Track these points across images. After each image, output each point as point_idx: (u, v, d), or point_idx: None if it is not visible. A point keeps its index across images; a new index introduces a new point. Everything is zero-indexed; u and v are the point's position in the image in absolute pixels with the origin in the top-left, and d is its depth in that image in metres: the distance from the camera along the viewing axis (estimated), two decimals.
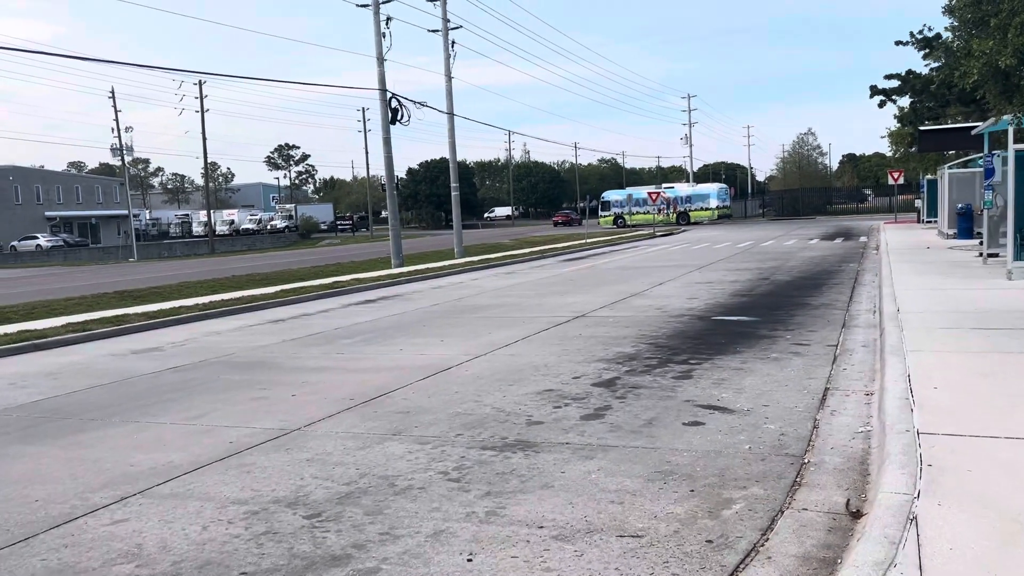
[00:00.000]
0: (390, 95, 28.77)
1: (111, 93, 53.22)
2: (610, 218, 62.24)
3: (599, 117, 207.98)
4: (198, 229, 78.09)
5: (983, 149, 17.44)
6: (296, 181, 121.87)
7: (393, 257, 28.47)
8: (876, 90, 32.43)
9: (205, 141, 59.62)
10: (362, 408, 7.40)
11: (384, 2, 28.57)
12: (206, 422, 7.20)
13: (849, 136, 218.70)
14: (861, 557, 3.63)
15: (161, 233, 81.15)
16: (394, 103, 29.03)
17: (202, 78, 59.97)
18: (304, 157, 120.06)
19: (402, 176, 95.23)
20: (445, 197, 32.98)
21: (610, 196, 64.30)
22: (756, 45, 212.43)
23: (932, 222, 33.73)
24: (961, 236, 23.93)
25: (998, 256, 16.60)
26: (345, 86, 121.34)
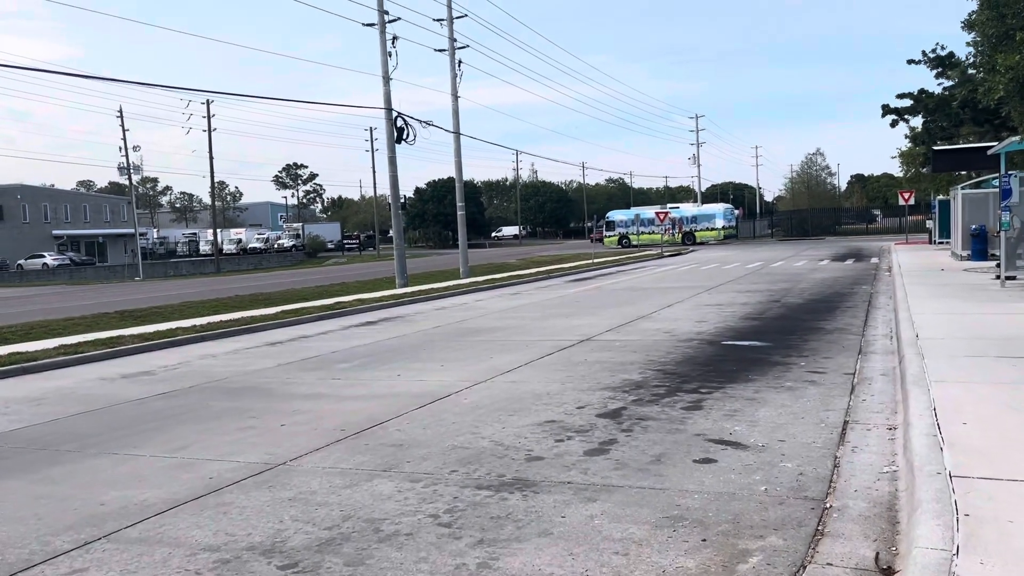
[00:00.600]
0: (395, 114, 28.56)
1: (119, 112, 53.28)
2: (615, 238, 61.84)
3: (607, 137, 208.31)
4: (205, 248, 77.96)
5: (999, 169, 17.01)
6: (304, 200, 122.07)
7: (397, 277, 28.13)
8: (888, 109, 32.05)
9: (212, 160, 59.61)
10: (353, 440, 7.00)
11: (390, 21, 28.43)
12: (188, 454, 6.81)
13: (858, 156, 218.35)
14: None
15: (168, 252, 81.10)
16: (400, 122, 28.82)
17: (210, 97, 60.09)
18: (312, 176, 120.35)
19: (409, 195, 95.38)
20: (452, 216, 32.80)
21: (615, 216, 63.91)
22: (764, 66, 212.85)
23: (944, 243, 33.27)
24: (975, 258, 23.46)
25: (1016, 279, 16.15)
26: (352, 105, 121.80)
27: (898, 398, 7.49)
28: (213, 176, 61.01)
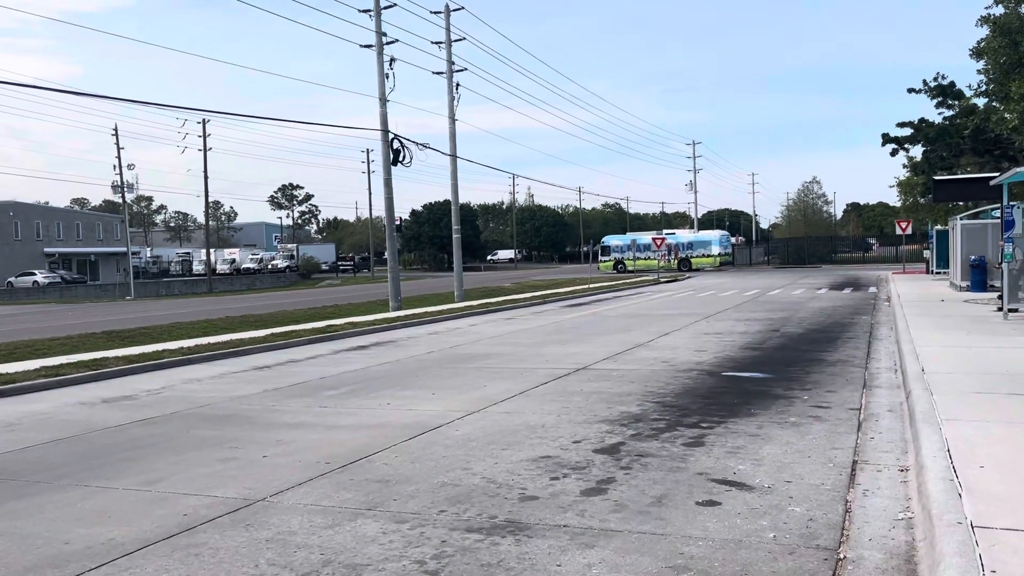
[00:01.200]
0: (392, 136, 28.38)
1: (114, 130, 53.13)
2: (610, 263, 61.66)
3: (604, 162, 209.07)
4: (198, 267, 77.58)
5: (1001, 200, 16.83)
6: (299, 221, 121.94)
7: (391, 300, 27.80)
8: (888, 138, 31.99)
9: (207, 180, 59.44)
10: (337, 474, 6.66)
11: (388, 43, 28.33)
12: (163, 488, 6.45)
13: (854, 185, 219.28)
14: None
15: (161, 271, 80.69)
16: (396, 144, 28.63)
17: (207, 117, 60.03)
18: (308, 197, 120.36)
19: (406, 217, 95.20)
20: (448, 239, 32.56)
21: (610, 241, 63.75)
22: (762, 93, 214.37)
23: (942, 273, 33.11)
24: (974, 288, 23.27)
25: (1019, 311, 15.91)
26: (349, 127, 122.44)
27: (907, 437, 7.18)
28: (207, 195, 60.80)
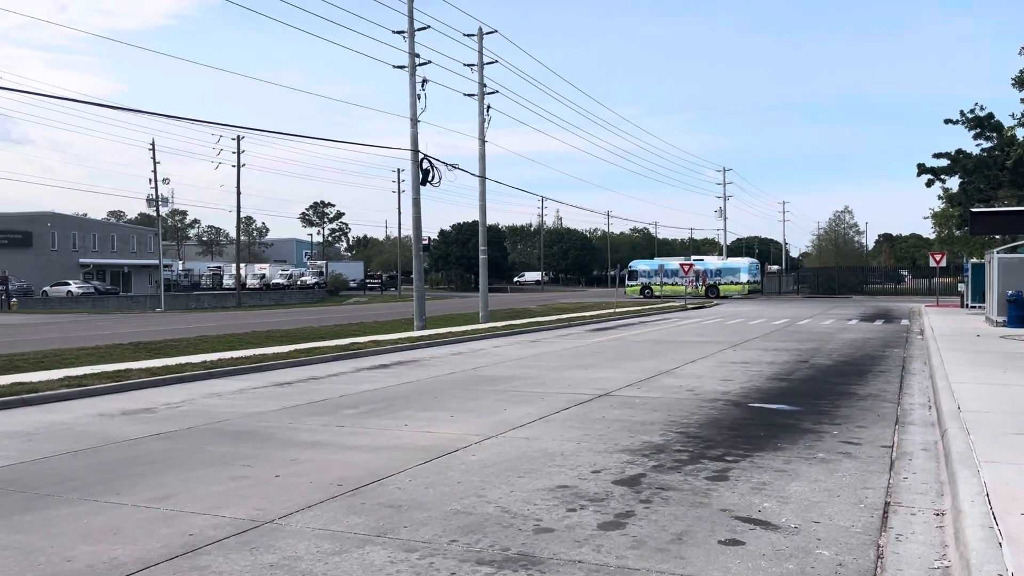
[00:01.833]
0: (421, 156, 28.46)
1: (151, 145, 53.99)
2: (637, 288, 61.25)
3: (633, 187, 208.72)
4: (229, 281, 78.29)
5: None
6: (329, 238, 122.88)
7: (416, 319, 27.74)
8: (924, 168, 31.39)
9: (239, 195, 60.08)
10: (349, 498, 6.49)
11: (420, 64, 28.49)
12: (171, 506, 6.33)
13: (887, 216, 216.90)
14: None
15: (192, 284, 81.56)
16: (425, 164, 28.70)
17: (241, 133, 60.73)
18: (339, 215, 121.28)
19: (434, 237, 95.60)
20: (475, 259, 32.57)
21: (637, 266, 63.37)
22: (795, 122, 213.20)
23: (978, 307, 32.40)
24: (1011, 324, 22.68)
25: None
26: (380, 146, 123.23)
27: (943, 478, 6.88)
28: (239, 211, 61.44)
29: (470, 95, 33.49)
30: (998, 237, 32.53)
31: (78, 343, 22.23)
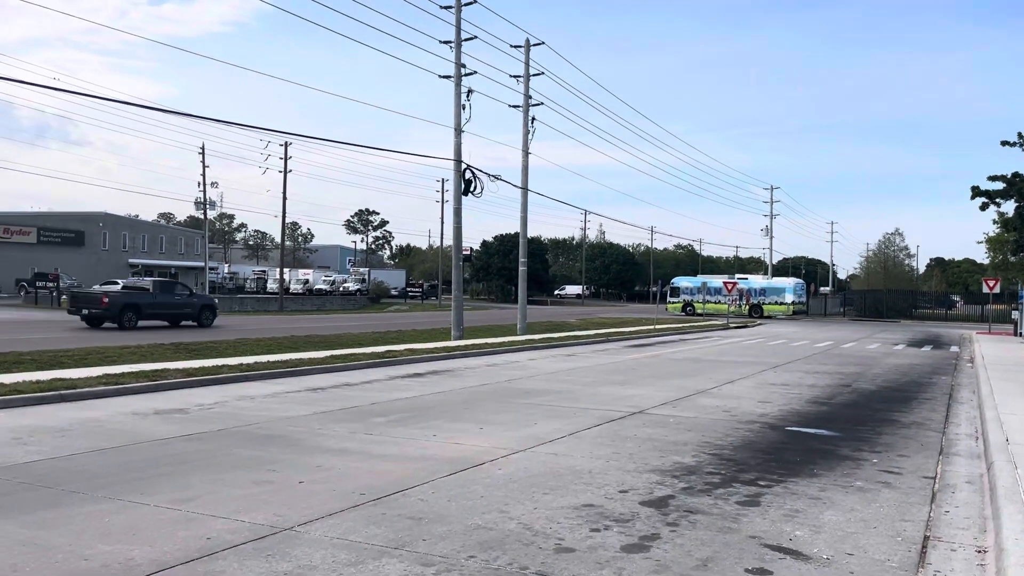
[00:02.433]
0: (465, 166, 28.51)
1: (201, 149, 55.06)
2: (679, 305, 60.65)
3: (678, 203, 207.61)
4: (272, 286, 79.31)
5: None
6: (373, 246, 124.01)
7: (453, 328, 27.74)
8: (978, 191, 30.50)
9: (285, 201, 60.91)
10: (370, 507, 6.41)
11: (466, 75, 28.60)
12: (193, 508, 6.31)
13: (939, 239, 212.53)
14: None
15: (237, 287, 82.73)
16: (468, 174, 28.74)
17: (288, 139, 61.61)
18: (383, 223, 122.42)
19: (476, 247, 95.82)
20: (516, 271, 32.47)
21: (680, 282, 62.79)
22: (846, 141, 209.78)
23: None
24: None
25: None
26: (424, 155, 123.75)
27: (987, 513, 6.57)
28: (284, 216, 62.27)
29: (515, 106, 33.54)
30: None
31: (120, 342, 22.61)
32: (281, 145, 59.28)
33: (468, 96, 28.62)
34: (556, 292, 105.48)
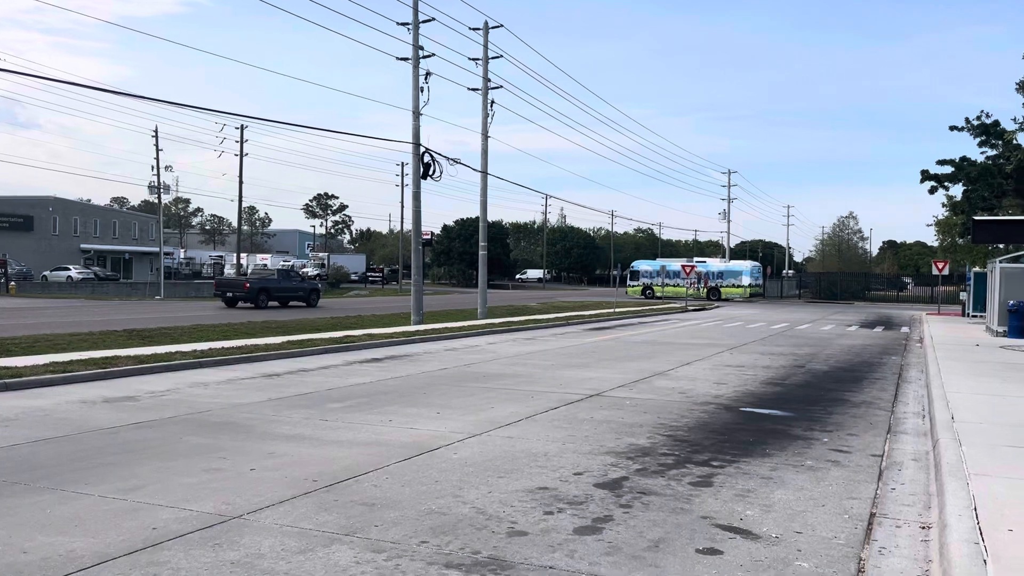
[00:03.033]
0: (423, 150, 28.28)
1: (154, 132, 53.79)
2: (638, 288, 61.04)
3: (638, 187, 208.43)
4: (230, 271, 78.15)
5: None
6: (332, 230, 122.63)
7: (413, 313, 27.58)
8: (927, 175, 31.10)
9: (241, 184, 59.90)
10: (322, 494, 6.34)
11: (424, 57, 28.30)
12: (139, 497, 6.18)
13: (891, 222, 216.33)
14: None
15: (194, 272, 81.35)
16: (427, 158, 28.50)
17: (245, 123, 60.54)
18: (342, 207, 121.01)
19: (437, 232, 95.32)
20: (477, 255, 32.35)
21: (640, 266, 63.15)
22: (801, 126, 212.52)
23: (979, 316, 32.19)
24: (1012, 335, 22.47)
25: None
26: (382, 139, 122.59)
27: (932, 490, 6.71)
28: (241, 200, 61.29)
29: (475, 90, 33.32)
30: (1001, 246, 32.31)
31: (73, 329, 22.10)
32: (237, 128, 58.23)
33: (427, 79, 28.33)
34: (518, 276, 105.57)
